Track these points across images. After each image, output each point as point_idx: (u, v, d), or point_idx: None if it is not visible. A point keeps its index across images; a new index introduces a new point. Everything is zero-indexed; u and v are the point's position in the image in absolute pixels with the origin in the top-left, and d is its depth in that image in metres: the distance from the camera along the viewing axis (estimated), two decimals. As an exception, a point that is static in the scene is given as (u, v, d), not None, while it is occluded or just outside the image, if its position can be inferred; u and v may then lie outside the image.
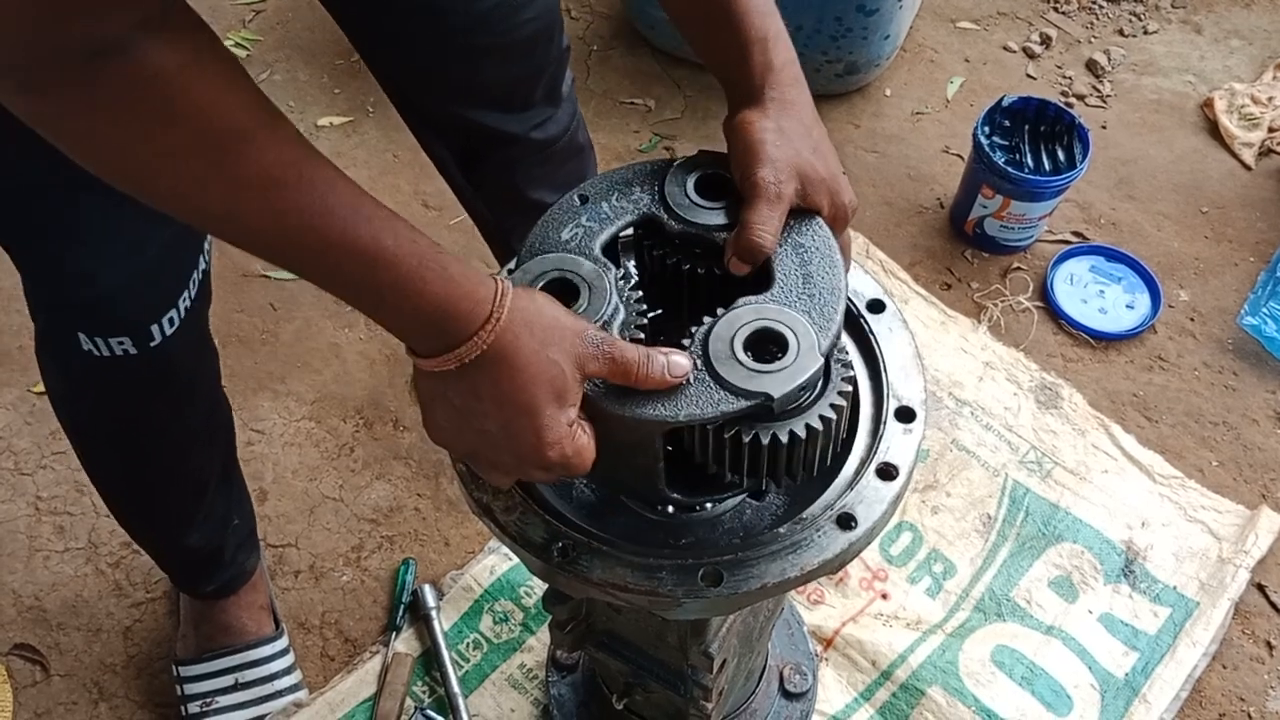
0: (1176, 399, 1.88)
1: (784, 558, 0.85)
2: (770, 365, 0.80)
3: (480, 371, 0.75)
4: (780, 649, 1.51)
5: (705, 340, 0.81)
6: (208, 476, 1.44)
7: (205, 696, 1.54)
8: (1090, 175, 2.14)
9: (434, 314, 0.73)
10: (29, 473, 1.78)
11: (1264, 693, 1.59)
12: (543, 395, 0.76)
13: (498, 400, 0.76)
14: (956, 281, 2.03)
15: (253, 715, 1.54)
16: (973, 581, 1.66)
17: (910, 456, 0.90)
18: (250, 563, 1.58)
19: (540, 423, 0.76)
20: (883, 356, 0.95)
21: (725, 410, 0.79)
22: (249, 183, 0.68)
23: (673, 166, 0.91)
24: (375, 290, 0.73)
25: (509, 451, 0.79)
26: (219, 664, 1.55)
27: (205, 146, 0.66)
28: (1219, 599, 1.63)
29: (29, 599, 1.67)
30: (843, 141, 2.22)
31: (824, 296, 0.84)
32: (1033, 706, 1.54)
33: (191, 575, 1.55)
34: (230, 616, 1.57)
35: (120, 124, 0.65)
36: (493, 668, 1.58)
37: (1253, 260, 2.06)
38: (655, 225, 0.89)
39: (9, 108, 0.63)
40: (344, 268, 0.72)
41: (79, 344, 1.14)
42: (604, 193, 0.90)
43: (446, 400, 0.78)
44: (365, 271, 0.72)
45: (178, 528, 1.46)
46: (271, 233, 0.70)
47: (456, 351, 0.74)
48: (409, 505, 1.75)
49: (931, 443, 1.79)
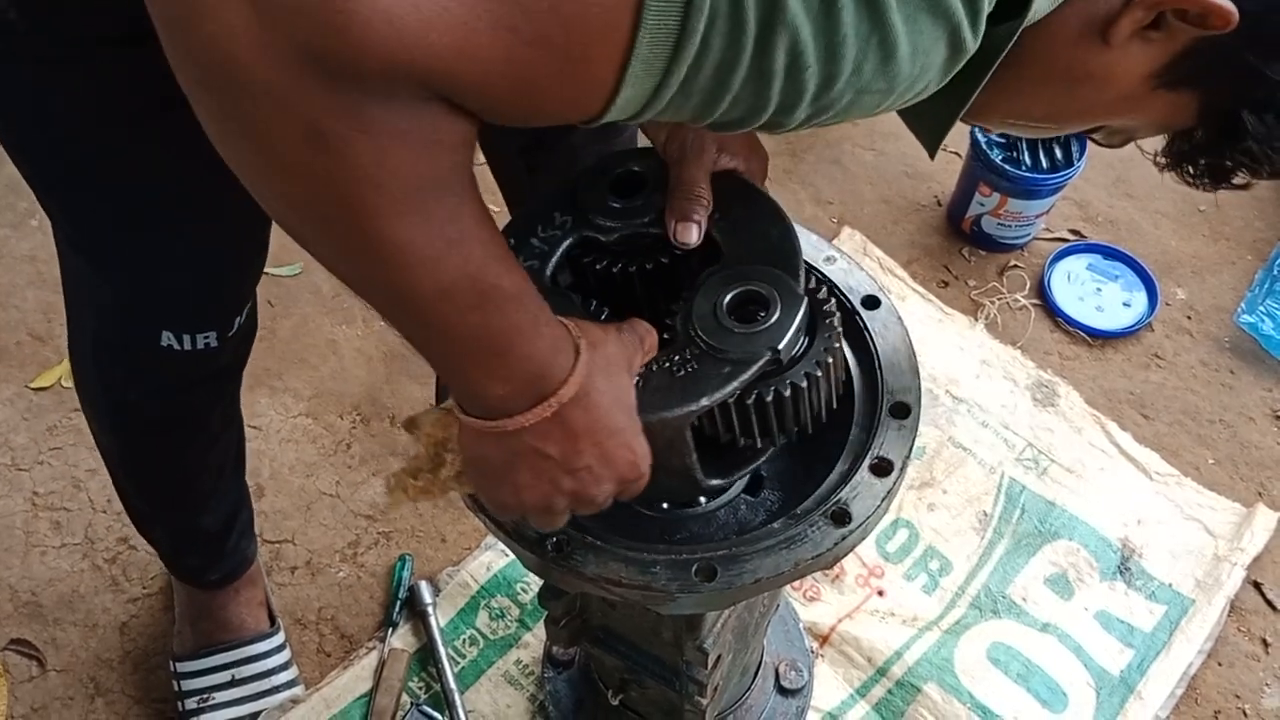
0: (1173, 397, 1.88)
1: (778, 552, 0.86)
2: (761, 323, 0.81)
3: (574, 408, 0.73)
4: (776, 645, 1.51)
5: (690, 323, 0.81)
6: (228, 457, 1.45)
7: (202, 693, 1.54)
8: (1088, 173, 2.14)
9: (542, 360, 0.72)
10: (26, 468, 1.78)
11: (1259, 690, 1.59)
12: (622, 408, 0.77)
13: (592, 431, 0.75)
14: (954, 279, 2.04)
15: (250, 711, 1.54)
16: (969, 578, 1.66)
17: (904, 452, 0.90)
18: (251, 550, 1.58)
19: (629, 438, 0.77)
20: (878, 352, 0.95)
21: (741, 379, 0.79)
22: (453, 238, 0.65)
23: (580, 181, 0.90)
24: (503, 342, 0.70)
25: (609, 479, 0.77)
26: (216, 660, 1.55)
27: (425, 196, 0.63)
28: (1214, 596, 1.63)
29: (25, 594, 1.67)
30: (840, 139, 2.23)
31: (776, 241, 0.86)
32: (1028, 703, 1.55)
33: (198, 560, 1.55)
34: (229, 613, 1.57)
35: (392, 157, 0.60)
36: (489, 664, 1.58)
37: (1250, 258, 2.07)
38: (591, 242, 0.89)
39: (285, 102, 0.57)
40: (491, 322, 0.69)
41: (158, 340, 1.14)
42: (528, 229, 0.89)
43: (533, 454, 0.75)
44: (505, 321, 0.69)
45: (195, 509, 1.46)
46: (457, 282, 0.66)
47: (558, 394, 0.72)
48: (405, 503, 1.75)
49: (928, 440, 1.79)
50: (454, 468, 0.81)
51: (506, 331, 0.70)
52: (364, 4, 0.53)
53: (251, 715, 1.54)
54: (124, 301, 1.14)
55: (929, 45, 0.64)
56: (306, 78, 0.55)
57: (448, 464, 0.81)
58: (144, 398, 1.27)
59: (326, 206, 0.61)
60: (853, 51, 0.62)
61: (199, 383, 1.26)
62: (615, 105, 0.61)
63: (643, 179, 0.90)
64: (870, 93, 0.66)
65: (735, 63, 0.60)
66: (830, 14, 0.60)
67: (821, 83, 0.63)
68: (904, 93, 0.67)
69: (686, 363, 0.81)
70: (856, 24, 0.61)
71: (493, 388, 0.72)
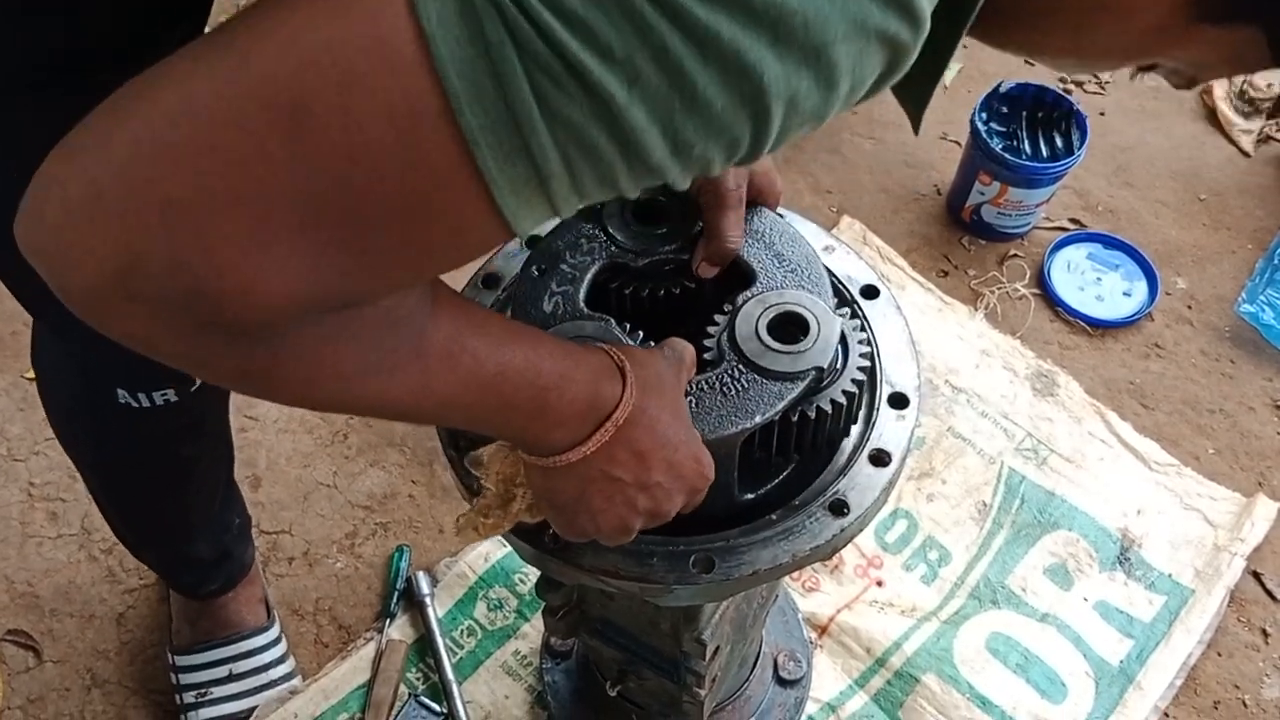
0: (1173, 387, 1.88)
1: (776, 544, 0.85)
2: (802, 342, 0.85)
3: (634, 428, 0.75)
4: (775, 636, 1.51)
5: (734, 345, 0.85)
6: (215, 489, 1.44)
7: (200, 687, 1.54)
8: (1088, 162, 2.13)
9: (589, 395, 0.73)
10: (22, 459, 1.77)
11: (1259, 680, 1.59)
12: (681, 421, 0.78)
13: (657, 447, 0.76)
14: (953, 268, 2.03)
15: (247, 705, 1.54)
16: (968, 569, 1.66)
17: (903, 443, 0.90)
18: (248, 555, 1.58)
19: (694, 449, 0.78)
20: (876, 343, 0.95)
21: (790, 399, 0.83)
22: (435, 358, 0.66)
23: (603, 207, 0.93)
24: (540, 400, 0.71)
25: (680, 490, 0.79)
26: (213, 655, 1.55)
27: (412, 357, 0.64)
28: (1214, 586, 1.62)
29: (22, 585, 1.67)
30: (839, 128, 2.21)
31: (804, 267, 0.90)
32: (1027, 694, 1.54)
33: (192, 579, 1.55)
34: (227, 612, 1.57)
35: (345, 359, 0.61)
36: (487, 654, 1.58)
37: (1250, 248, 2.06)
38: (620, 266, 0.92)
39: (205, 362, 0.59)
40: (513, 393, 0.70)
41: (115, 398, 1.13)
42: (556, 257, 0.92)
43: (605, 478, 0.76)
44: (532, 387, 0.70)
45: (185, 540, 1.46)
46: (448, 399, 0.68)
47: (613, 417, 0.74)
48: (403, 492, 1.75)
49: (927, 430, 1.79)
50: (525, 500, 0.82)
51: (536, 395, 0.70)
52: (226, 277, 0.51)
53: (249, 709, 1.53)
54: (78, 360, 1.14)
55: (857, 63, 0.55)
56: (204, 338, 0.55)
57: (518, 499, 0.82)
58: (118, 451, 1.27)
59: (294, 399, 0.63)
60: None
61: (172, 435, 1.25)
62: (523, 228, 0.56)
63: (663, 207, 0.94)
64: (815, 120, 0.58)
65: (615, 178, 0.54)
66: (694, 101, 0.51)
67: (750, 141, 0.55)
68: (843, 104, 0.60)
69: (736, 382, 0.83)
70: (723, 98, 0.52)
71: (547, 436, 0.74)
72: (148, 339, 0.55)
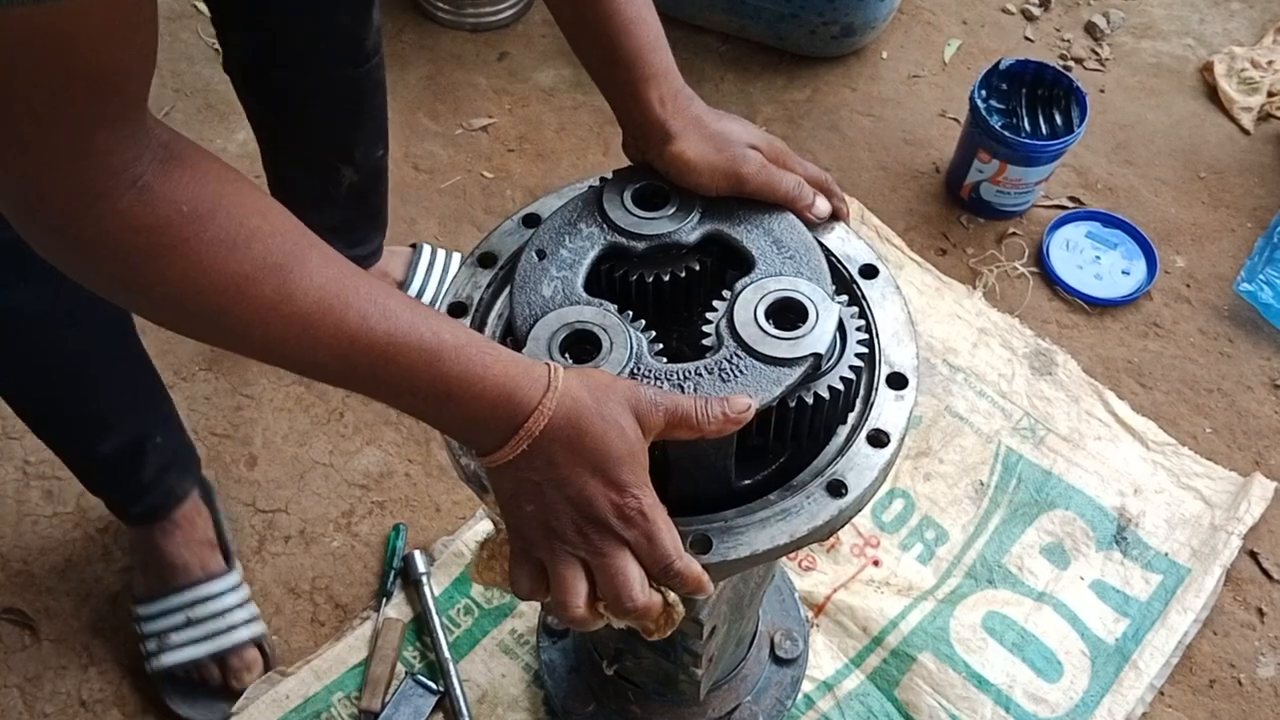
0: (1171, 366, 1.87)
1: (773, 525, 0.85)
2: (800, 329, 0.85)
3: (552, 441, 0.76)
4: (771, 615, 1.51)
5: (733, 330, 0.85)
6: (117, 381, 1.43)
7: (160, 634, 1.55)
8: (1087, 140, 2.12)
9: (500, 396, 0.75)
10: (16, 436, 1.77)
11: (1254, 659, 1.59)
12: (613, 450, 0.77)
13: (573, 464, 0.76)
14: (951, 247, 2.02)
15: (209, 650, 1.54)
16: (965, 548, 1.66)
17: (901, 424, 0.89)
18: (181, 488, 1.57)
19: (614, 476, 0.77)
20: (875, 323, 0.94)
21: (788, 384, 0.83)
22: (305, 313, 0.70)
23: (603, 192, 0.94)
24: (443, 386, 0.74)
25: (609, 509, 0.78)
26: (170, 602, 1.56)
27: (250, 286, 0.69)
28: (1211, 566, 1.63)
29: (17, 563, 1.67)
30: (838, 105, 2.20)
31: (803, 253, 0.91)
32: (1023, 673, 1.55)
33: (111, 491, 1.55)
34: (172, 554, 1.57)
35: (129, 267, 0.67)
36: (484, 633, 1.58)
37: (1250, 226, 2.05)
38: (619, 250, 0.92)
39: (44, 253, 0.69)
40: (414, 370, 0.73)
41: None
42: (556, 241, 0.92)
43: (528, 483, 0.78)
44: (433, 368, 0.73)
45: (85, 437, 1.45)
46: (336, 349, 0.72)
47: (526, 426, 0.75)
48: (399, 471, 1.75)
49: (925, 409, 1.78)
50: None
51: (437, 380, 0.74)
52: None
53: (209, 655, 1.54)
54: None
55: None
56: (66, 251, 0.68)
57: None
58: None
59: (174, 316, 0.72)
60: None
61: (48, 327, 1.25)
62: None
63: (666, 192, 0.95)
64: None
65: None
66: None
67: None
68: None
69: (734, 368, 0.83)
70: None
71: (467, 434, 0.78)
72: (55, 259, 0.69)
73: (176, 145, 0.68)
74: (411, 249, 1.88)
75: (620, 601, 0.78)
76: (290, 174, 1.63)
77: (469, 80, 2.25)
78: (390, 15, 2.34)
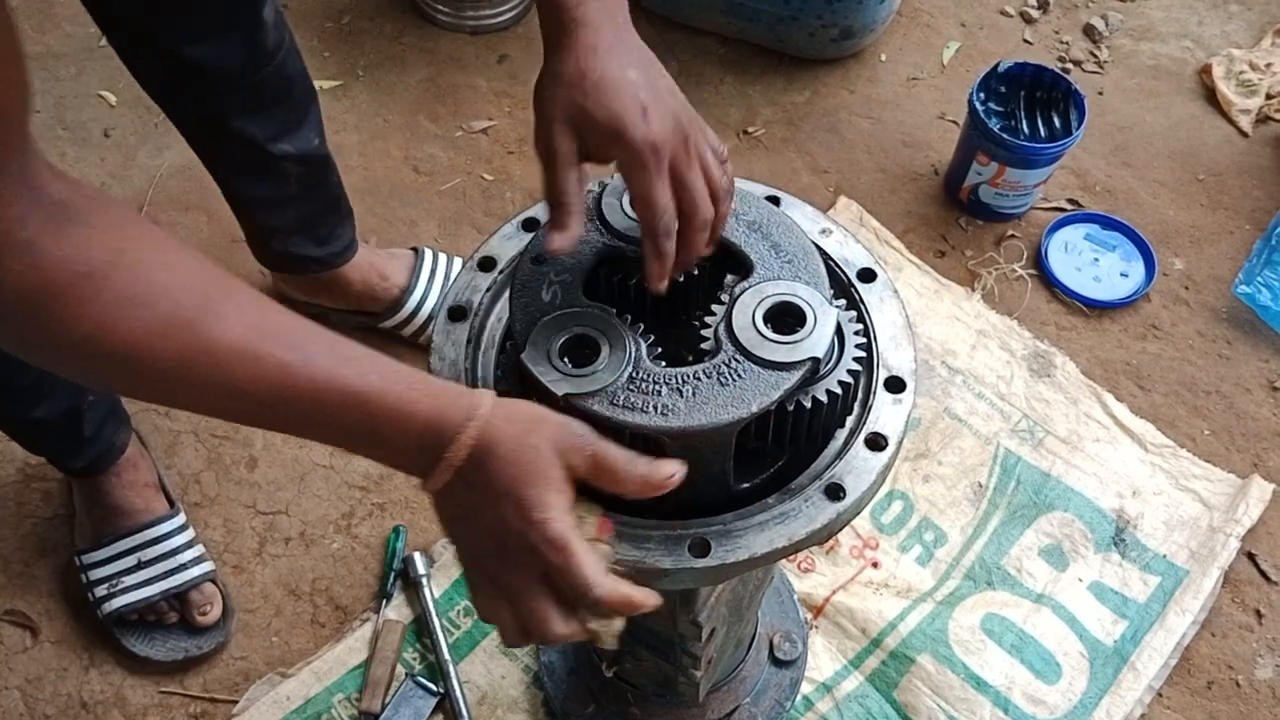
0: (1170, 368, 1.88)
1: (772, 528, 0.85)
2: (798, 333, 0.85)
3: (474, 469, 0.76)
4: (770, 617, 1.52)
5: (731, 334, 0.85)
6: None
7: (110, 579, 1.57)
8: (1086, 142, 2.12)
9: (426, 429, 0.75)
10: (17, 439, 1.77)
11: (1252, 661, 1.60)
12: (526, 479, 0.76)
13: (489, 491, 0.76)
14: (950, 249, 2.02)
15: (159, 590, 1.56)
16: (963, 550, 1.66)
17: (900, 427, 0.90)
18: (119, 439, 1.60)
19: (525, 506, 0.76)
20: (873, 326, 0.95)
21: (786, 389, 0.83)
22: (222, 364, 0.69)
23: (601, 196, 0.94)
24: (370, 426, 0.74)
25: (509, 546, 0.77)
26: (118, 547, 1.58)
27: (160, 341, 0.68)
28: (1209, 567, 1.63)
29: (19, 565, 1.67)
30: (837, 107, 2.21)
31: (801, 257, 0.91)
32: (1022, 674, 1.55)
33: (54, 448, 1.57)
34: (116, 498, 1.60)
35: (28, 328, 0.66)
36: (484, 635, 1.58)
37: (1248, 228, 2.05)
38: (618, 255, 0.93)
39: None
40: (338, 413, 0.73)
41: None
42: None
43: (458, 510, 0.79)
44: (358, 410, 0.73)
45: (18, 407, 1.46)
46: (258, 397, 0.71)
47: (446, 456, 0.75)
48: (399, 473, 1.74)
49: (923, 411, 1.79)
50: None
51: (365, 420, 0.74)
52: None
53: (162, 594, 1.56)
54: None
55: None
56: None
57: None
58: None
59: (80, 368, 0.71)
60: None
61: None
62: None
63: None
64: None
65: None
66: None
67: None
68: None
69: (732, 372, 0.84)
70: None
71: (398, 464, 0.78)
72: None
73: (73, 201, 0.67)
74: (413, 253, 1.88)
75: (539, 636, 0.79)
76: (235, 182, 1.61)
77: (469, 83, 2.25)
78: (390, 17, 2.34)
